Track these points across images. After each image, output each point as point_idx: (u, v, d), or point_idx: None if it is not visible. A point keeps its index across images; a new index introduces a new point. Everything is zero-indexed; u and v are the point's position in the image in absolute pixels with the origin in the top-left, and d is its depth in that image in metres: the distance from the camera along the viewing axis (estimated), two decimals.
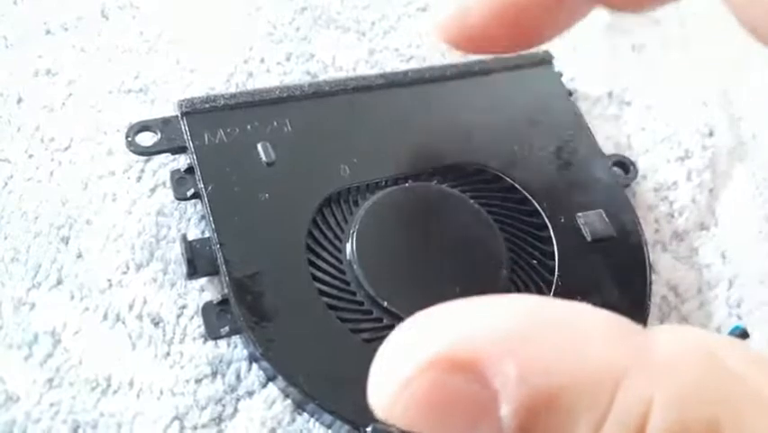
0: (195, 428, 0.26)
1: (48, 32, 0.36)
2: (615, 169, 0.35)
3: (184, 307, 0.29)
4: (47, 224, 0.30)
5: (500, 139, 0.34)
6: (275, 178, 0.30)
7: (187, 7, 0.38)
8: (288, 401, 0.27)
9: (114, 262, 0.29)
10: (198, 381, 0.27)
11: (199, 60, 0.36)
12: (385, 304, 0.28)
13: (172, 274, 0.29)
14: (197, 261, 0.28)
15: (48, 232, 0.30)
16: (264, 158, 0.30)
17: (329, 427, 0.27)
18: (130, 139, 0.30)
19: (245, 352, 0.28)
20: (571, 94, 0.37)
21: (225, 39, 0.37)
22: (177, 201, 0.31)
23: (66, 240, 0.29)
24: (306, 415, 0.27)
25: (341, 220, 0.30)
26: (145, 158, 0.32)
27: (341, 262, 0.29)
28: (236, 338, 0.28)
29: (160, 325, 0.28)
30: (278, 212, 0.29)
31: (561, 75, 0.37)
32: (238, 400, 0.27)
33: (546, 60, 0.37)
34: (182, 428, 0.26)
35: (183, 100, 0.31)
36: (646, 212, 0.35)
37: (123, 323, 0.28)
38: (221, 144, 0.30)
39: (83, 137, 0.32)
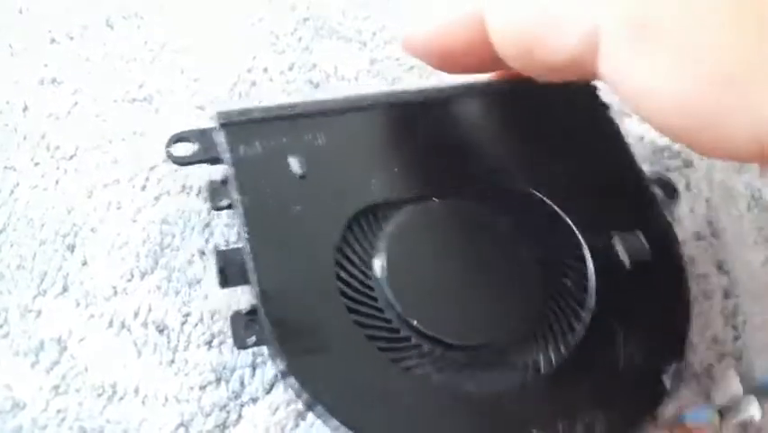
0: None
1: (53, 40, 0.36)
2: (656, 189, 0.34)
3: (188, 314, 0.29)
4: (52, 231, 0.30)
5: (536, 157, 0.33)
6: (307, 191, 0.30)
7: (190, 17, 0.38)
8: (292, 407, 0.28)
9: (119, 269, 0.30)
10: (203, 387, 0.27)
11: (203, 70, 0.37)
12: (414, 323, 0.28)
13: (176, 282, 0.30)
14: (229, 270, 0.28)
15: (53, 239, 0.30)
16: (297, 171, 0.30)
17: None
18: (169, 149, 0.31)
19: (249, 359, 0.28)
20: (608, 108, 0.36)
21: (229, 48, 0.38)
22: (180, 210, 0.31)
23: (71, 248, 0.30)
24: (309, 420, 0.27)
25: (371, 235, 0.30)
26: (149, 166, 0.32)
27: (369, 278, 0.29)
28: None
29: (165, 332, 0.28)
30: (309, 225, 0.29)
31: (598, 91, 0.36)
32: (242, 406, 0.27)
33: (587, 83, 0.36)
34: None
35: (221, 112, 0.31)
36: None
37: (129, 330, 0.28)
38: (256, 156, 0.30)
39: (88, 146, 0.33)
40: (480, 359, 0.28)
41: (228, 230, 0.31)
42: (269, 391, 0.28)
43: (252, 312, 0.27)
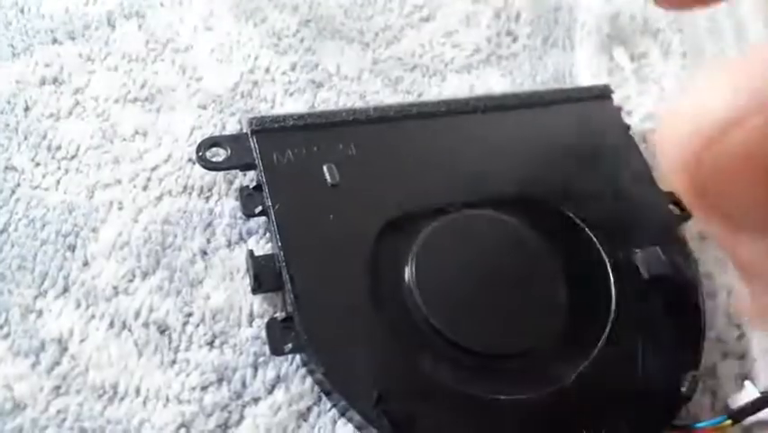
0: None
1: (55, 40, 0.36)
2: (671, 206, 0.34)
3: (190, 314, 0.29)
4: (53, 231, 0.30)
5: (560, 171, 0.34)
6: (339, 199, 0.30)
7: (193, 17, 0.38)
8: (294, 408, 0.27)
9: (121, 269, 0.29)
10: (204, 388, 0.27)
11: (205, 70, 0.37)
12: (443, 331, 0.28)
13: (178, 282, 0.29)
14: (262, 276, 0.28)
15: (54, 240, 0.30)
16: (329, 179, 0.31)
17: None
18: (201, 154, 0.31)
19: (250, 359, 0.28)
20: (629, 128, 0.37)
21: (231, 49, 0.38)
22: (182, 210, 0.31)
23: (72, 248, 0.30)
24: (311, 421, 0.27)
25: (402, 244, 0.30)
26: (151, 166, 0.32)
27: (400, 286, 0.29)
28: (248, 346, 0.28)
29: (167, 332, 0.28)
30: (341, 233, 0.29)
31: (620, 109, 0.37)
32: (244, 406, 0.27)
33: (606, 95, 0.37)
34: None
35: (253, 118, 0.32)
36: None
37: (130, 330, 0.28)
38: (288, 164, 0.31)
39: (89, 145, 0.33)
40: (506, 368, 0.29)
41: (230, 230, 0.31)
42: (270, 392, 0.28)
43: (287, 319, 0.28)
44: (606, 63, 0.43)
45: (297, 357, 0.28)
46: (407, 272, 0.30)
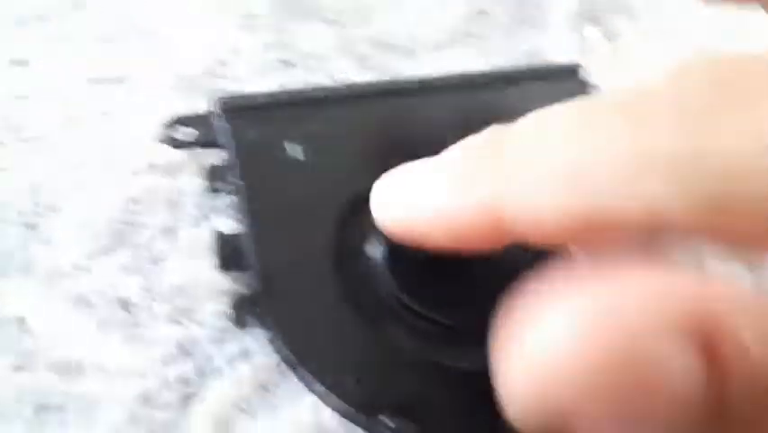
0: (163, 407, 0.26)
1: (21, 21, 0.36)
2: None
3: (153, 291, 0.29)
4: (15, 211, 0.30)
5: None
6: (307, 176, 0.30)
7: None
8: (258, 381, 0.27)
9: (83, 248, 0.29)
10: (167, 362, 0.27)
11: (175, 50, 0.36)
12: (412, 304, 0.28)
13: (141, 259, 0.29)
14: (227, 253, 0.28)
15: (16, 219, 0.30)
16: (296, 157, 0.31)
17: (353, 421, 0.26)
18: (167, 132, 0.31)
19: (214, 334, 0.28)
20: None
21: (200, 29, 0.38)
22: (147, 189, 0.31)
23: (34, 227, 0.29)
24: (273, 393, 0.27)
25: (368, 220, 0.30)
26: (117, 146, 0.32)
27: (366, 260, 0.29)
28: (213, 321, 0.28)
29: (129, 308, 0.28)
30: (309, 210, 0.29)
31: (591, 86, 0.38)
32: (206, 380, 0.27)
33: (576, 72, 0.38)
34: (150, 407, 0.26)
35: (221, 97, 0.31)
36: None
37: (92, 307, 0.28)
38: (255, 142, 0.31)
39: (55, 126, 0.33)
40: (477, 338, 0.28)
41: (195, 208, 0.31)
42: (234, 366, 0.27)
43: (252, 294, 0.27)
44: (578, 41, 0.43)
45: (262, 332, 0.28)
46: (374, 246, 0.29)
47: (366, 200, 0.31)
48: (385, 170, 0.31)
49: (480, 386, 0.27)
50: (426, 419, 0.25)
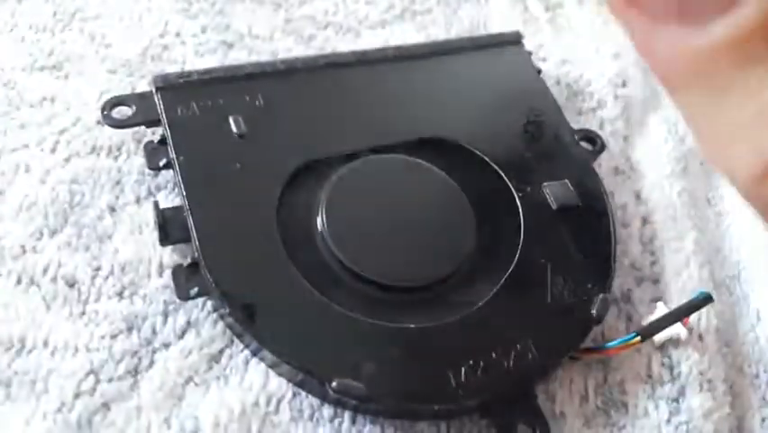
0: (110, 380, 0.26)
1: None
2: (582, 143, 0.35)
3: (98, 268, 0.29)
4: None
5: (469, 114, 0.35)
6: (246, 150, 0.31)
7: None
8: (205, 351, 0.28)
9: (28, 228, 0.29)
10: (114, 336, 0.27)
11: (114, 36, 0.37)
12: (354, 268, 0.29)
13: (86, 238, 0.29)
14: (168, 227, 0.28)
15: None
16: (236, 130, 0.31)
17: (300, 385, 0.27)
18: (105, 113, 0.31)
19: (160, 307, 0.28)
20: (539, 72, 0.37)
21: (140, 15, 0.38)
22: (90, 169, 0.31)
23: None
24: (223, 362, 0.27)
25: (312, 188, 0.31)
26: (59, 130, 0.32)
27: (310, 228, 0.30)
28: (158, 295, 0.29)
29: (75, 286, 0.28)
30: (249, 182, 0.30)
31: (530, 54, 0.38)
32: (154, 352, 0.27)
33: (516, 40, 0.38)
34: (97, 381, 0.26)
35: (157, 75, 0.32)
36: None
37: (38, 286, 0.28)
38: (193, 117, 0.31)
39: None
40: (419, 298, 0.29)
41: (138, 186, 0.31)
42: (181, 337, 0.28)
43: (194, 265, 0.28)
44: (521, 14, 0.43)
45: (209, 303, 0.28)
46: (318, 214, 0.30)
47: (310, 169, 0.31)
48: (327, 140, 0.32)
49: (422, 343, 0.28)
50: (372, 379, 0.26)
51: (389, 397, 0.26)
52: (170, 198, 0.31)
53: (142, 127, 0.32)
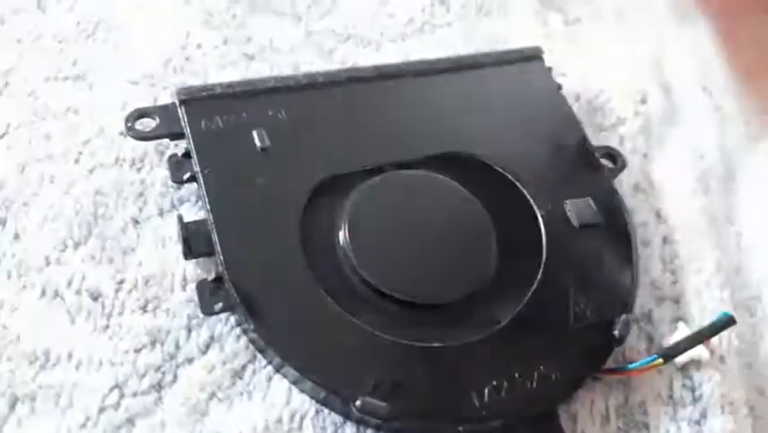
0: (134, 395, 0.26)
1: None
2: (603, 160, 0.35)
3: (122, 281, 0.29)
4: None
5: (491, 130, 0.35)
6: (270, 164, 0.31)
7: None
8: (228, 366, 0.28)
9: (52, 240, 0.29)
10: (138, 350, 0.27)
11: (137, 47, 0.37)
12: (378, 286, 0.29)
13: (110, 251, 0.29)
14: (192, 241, 0.28)
15: None
16: (259, 144, 0.31)
17: (323, 403, 0.27)
18: (129, 124, 0.31)
19: (184, 322, 0.28)
20: (560, 88, 0.37)
21: (163, 27, 0.38)
22: (114, 181, 0.31)
23: (3, 222, 0.30)
24: (246, 378, 0.27)
25: (335, 203, 0.31)
26: (83, 141, 0.32)
27: (333, 244, 0.30)
28: (182, 309, 0.28)
29: (99, 299, 0.28)
30: (272, 196, 0.30)
31: (550, 69, 0.38)
32: (177, 367, 0.27)
33: (537, 56, 0.38)
34: (122, 395, 0.26)
35: (181, 88, 0.32)
36: None
37: (62, 298, 0.28)
38: (217, 131, 0.31)
39: (20, 123, 0.33)
40: (442, 316, 0.29)
41: (162, 199, 0.31)
42: (204, 352, 0.28)
43: (218, 280, 0.28)
44: (540, 29, 0.43)
45: (232, 318, 0.29)
46: (341, 230, 0.30)
47: (332, 184, 0.31)
48: (349, 154, 0.32)
49: (446, 362, 0.28)
50: (396, 399, 0.26)
51: (412, 417, 0.26)
52: (194, 212, 0.31)
53: (165, 139, 0.32)
